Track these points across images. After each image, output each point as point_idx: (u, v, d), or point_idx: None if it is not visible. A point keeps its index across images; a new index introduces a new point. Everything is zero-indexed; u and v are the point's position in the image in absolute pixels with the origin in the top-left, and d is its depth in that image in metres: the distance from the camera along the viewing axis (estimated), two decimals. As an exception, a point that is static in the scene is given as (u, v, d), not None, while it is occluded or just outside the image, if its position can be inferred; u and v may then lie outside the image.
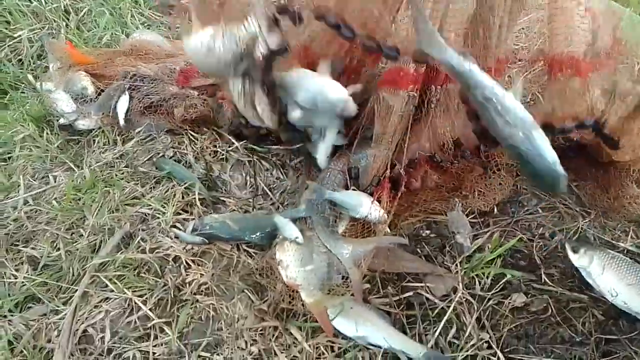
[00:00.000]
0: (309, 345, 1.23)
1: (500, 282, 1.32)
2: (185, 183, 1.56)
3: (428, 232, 1.47)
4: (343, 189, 1.41)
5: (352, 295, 1.21)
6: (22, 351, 1.19)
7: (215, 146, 1.72)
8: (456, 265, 1.36)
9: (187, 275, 1.33)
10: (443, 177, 1.56)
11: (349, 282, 1.24)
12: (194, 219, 1.45)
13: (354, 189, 1.41)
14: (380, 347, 1.19)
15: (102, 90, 1.86)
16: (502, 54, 1.57)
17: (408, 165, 1.47)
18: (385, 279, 1.36)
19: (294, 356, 1.22)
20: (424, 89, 1.44)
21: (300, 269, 1.27)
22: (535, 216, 1.49)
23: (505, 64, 1.65)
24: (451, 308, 1.27)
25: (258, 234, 1.42)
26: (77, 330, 1.23)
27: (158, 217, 1.47)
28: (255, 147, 1.68)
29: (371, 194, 1.37)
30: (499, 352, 1.19)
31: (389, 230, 1.35)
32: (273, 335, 1.25)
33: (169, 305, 1.28)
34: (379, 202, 1.33)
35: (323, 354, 1.22)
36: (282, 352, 1.22)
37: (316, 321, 1.24)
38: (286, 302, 1.28)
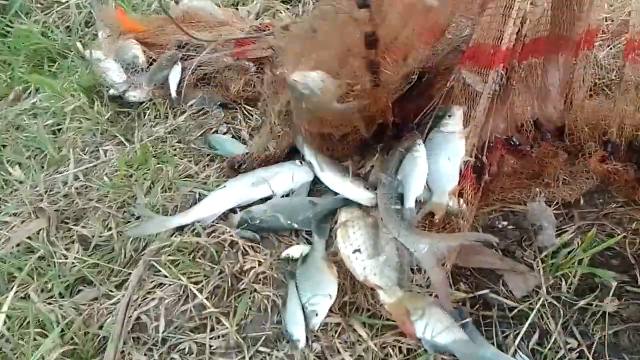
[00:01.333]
0: (375, 344, 1.13)
1: (589, 283, 1.19)
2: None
3: (505, 223, 1.33)
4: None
5: (436, 296, 1.10)
6: (72, 338, 1.13)
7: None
8: (538, 262, 1.23)
9: (244, 262, 1.24)
10: (521, 162, 1.42)
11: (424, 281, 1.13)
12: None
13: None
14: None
15: (154, 60, 1.78)
16: (592, 22, 1.41)
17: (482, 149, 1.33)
18: (456, 273, 1.23)
19: (359, 355, 1.12)
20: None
21: (370, 260, 1.17)
22: (627, 209, 1.32)
23: (595, 35, 1.48)
24: (534, 311, 1.14)
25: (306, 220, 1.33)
26: (130, 317, 1.16)
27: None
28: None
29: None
30: (591, 362, 1.07)
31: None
32: (336, 332, 1.15)
33: (226, 295, 1.20)
34: (462, 194, 1.20)
35: (390, 354, 1.12)
36: (345, 350, 1.13)
37: (381, 318, 1.14)
38: (349, 294, 1.19)
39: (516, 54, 1.27)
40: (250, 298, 1.19)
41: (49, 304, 1.19)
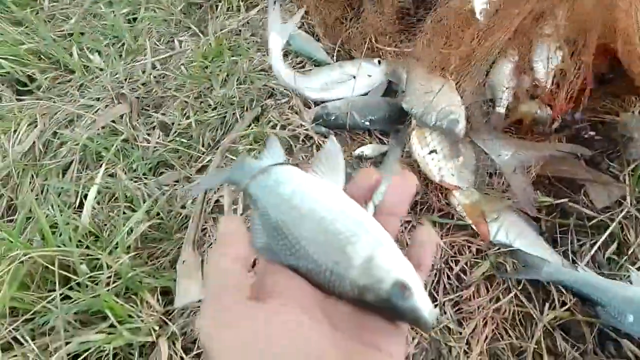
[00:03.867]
0: (445, 243, 1.13)
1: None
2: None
3: (592, 133, 1.26)
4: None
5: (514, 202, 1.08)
6: (158, 214, 1.19)
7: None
8: (625, 174, 1.17)
9: (318, 156, 1.25)
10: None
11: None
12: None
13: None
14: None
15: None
16: None
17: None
18: (535, 181, 1.20)
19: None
20: None
21: (447, 162, 1.15)
22: None
23: None
24: (615, 222, 1.10)
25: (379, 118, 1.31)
26: (209, 199, 1.21)
27: (288, 95, 1.37)
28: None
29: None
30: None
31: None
32: (406, 228, 1.17)
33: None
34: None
35: (459, 252, 1.13)
36: (414, 245, 1.14)
37: (452, 218, 1.14)
38: (420, 195, 1.19)
39: None
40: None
41: (135, 182, 1.25)
